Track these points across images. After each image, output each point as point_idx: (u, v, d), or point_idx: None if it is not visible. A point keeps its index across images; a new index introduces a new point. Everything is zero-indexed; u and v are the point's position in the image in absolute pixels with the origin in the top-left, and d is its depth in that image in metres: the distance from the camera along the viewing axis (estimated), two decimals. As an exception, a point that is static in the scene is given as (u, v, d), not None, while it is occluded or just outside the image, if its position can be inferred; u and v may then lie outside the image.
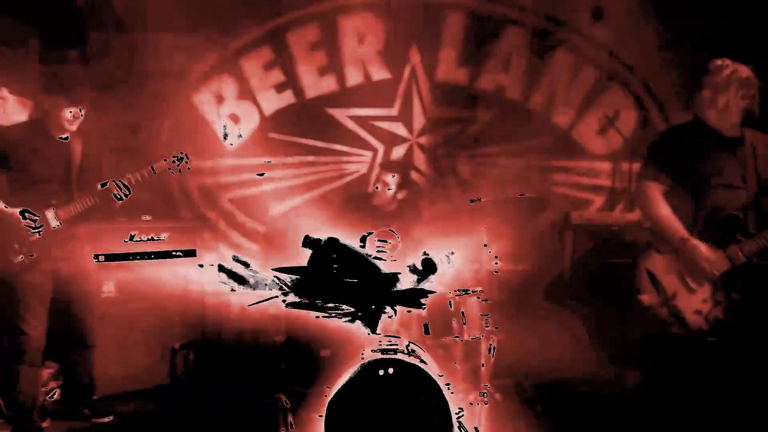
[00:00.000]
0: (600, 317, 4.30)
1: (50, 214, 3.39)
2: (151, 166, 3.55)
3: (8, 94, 4.01)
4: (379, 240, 3.90)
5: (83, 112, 3.45)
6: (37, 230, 3.32)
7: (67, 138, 3.53)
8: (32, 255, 3.33)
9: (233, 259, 3.77)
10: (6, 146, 3.37)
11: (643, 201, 3.43)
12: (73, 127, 3.48)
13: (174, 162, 3.63)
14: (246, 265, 3.67)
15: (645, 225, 3.63)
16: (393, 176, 4.30)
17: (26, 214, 3.30)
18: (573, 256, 4.86)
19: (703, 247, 3.19)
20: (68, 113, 3.39)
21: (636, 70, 5.46)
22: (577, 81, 5.49)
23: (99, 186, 3.46)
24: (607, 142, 5.50)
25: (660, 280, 3.30)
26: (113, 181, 3.45)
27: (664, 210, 3.32)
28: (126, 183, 3.46)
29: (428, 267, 3.19)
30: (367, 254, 3.66)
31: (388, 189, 4.29)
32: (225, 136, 5.25)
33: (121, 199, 3.47)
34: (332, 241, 3.67)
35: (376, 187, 4.33)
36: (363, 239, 3.90)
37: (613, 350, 4.20)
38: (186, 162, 3.67)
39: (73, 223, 3.50)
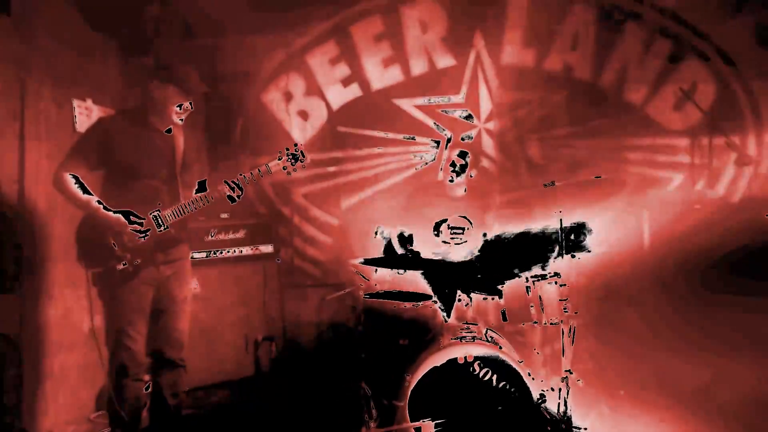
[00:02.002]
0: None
1: (156, 216, 3.07)
2: (266, 164, 3.18)
3: (93, 105, 4.17)
4: (452, 227, 3.91)
5: (193, 105, 3.19)
6: (143, 234, 3.01)
7: (170, 131, 3.23)
8: (137, 262, 3.03)
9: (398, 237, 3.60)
10: (104, 137, 3.08)
11: None
12: (181, 120, 3.19)
13: (289, 160, 3.24)
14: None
15: None
16: (465, 154, 4.22)
17: (131, 217, 2.99)
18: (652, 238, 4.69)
19: None
20: (177, 106, 3.12)
21: (712, 39, 5.19)
22: (650, 55, 5.27)
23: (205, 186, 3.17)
24: (685, 116, 5.25)
25: None
26: (225, 181, 3.12)
27: None
28: (239, 182, 3.14)
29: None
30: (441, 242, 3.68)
31: (461, 165, 4.19)
32: None
33: (234, 200, 3.15)
34: (404, 233, 3.72)
35: (451, 166, 4.21)
36: (437, 226, 3.91)
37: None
38: (301, 161, 3.27)
39: (179, 225, 3.18)
